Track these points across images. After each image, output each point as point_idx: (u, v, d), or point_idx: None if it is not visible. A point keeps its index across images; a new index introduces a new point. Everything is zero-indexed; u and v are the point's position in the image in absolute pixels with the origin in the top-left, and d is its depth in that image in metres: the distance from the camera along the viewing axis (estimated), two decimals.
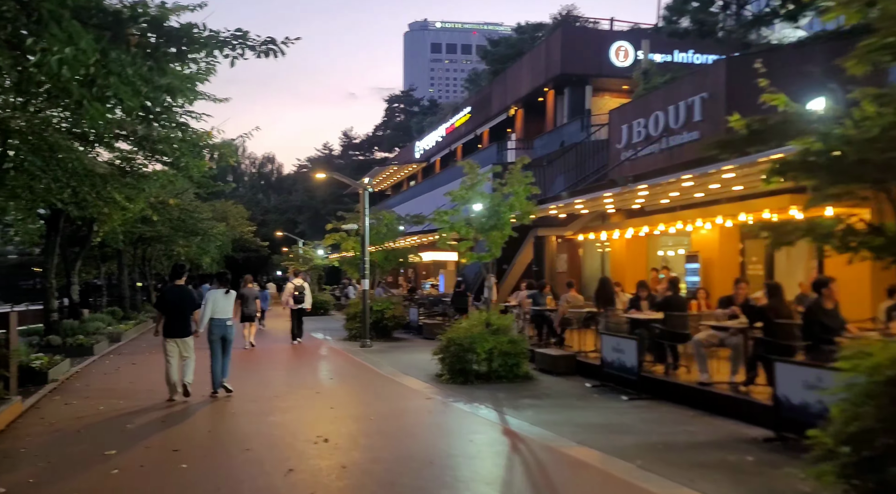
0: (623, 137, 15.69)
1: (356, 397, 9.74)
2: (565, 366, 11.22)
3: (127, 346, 17.56)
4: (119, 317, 23.65)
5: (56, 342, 15.02)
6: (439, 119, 43.02)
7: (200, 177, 12.64)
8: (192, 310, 9.36)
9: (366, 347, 15.98)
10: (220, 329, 9.71)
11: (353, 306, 18.19)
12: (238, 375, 11.65)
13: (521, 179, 10.91)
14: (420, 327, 19.45)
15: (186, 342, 9.29)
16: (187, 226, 27.24)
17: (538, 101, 25.97)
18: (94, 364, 13.67)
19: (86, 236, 19.87)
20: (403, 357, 14.17)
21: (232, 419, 8.01)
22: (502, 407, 8.51)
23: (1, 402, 8.22)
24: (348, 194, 51.68)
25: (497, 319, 11.01)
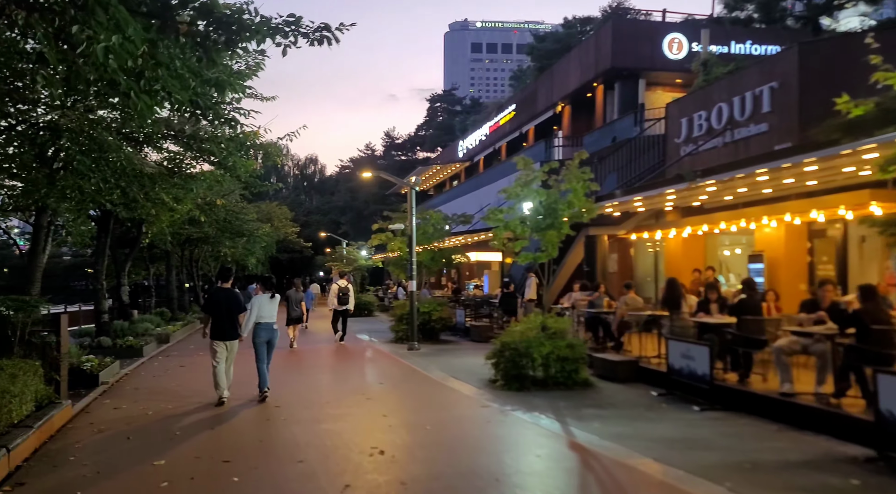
0: (682, 132, 14.95)
1: (409, 403, 9.34)
2: (626, 373, 10.63)
3: (175, 347, 17.57)
4: (167, 318, 23.86)
5: (106, 344, 15.08)
6: (483, 118, 42.52)
7: (248, 177, 12.43)
8: (239, 312, 9.37)
9: (413, 350, 15.61)
10: (266, 333, 9.80)
11: (400, 308, 17.86)
12: (286, 378, 11.43)
13: (578, 175, 10.37)
14: (467, 329, 19.01)
15: (234, 344, 9.37)
16: (233, 227, 27.45)
17: (586, 96, 25.25)
18: (144, 366, 13.61)
19: (135, 238, 20.04)
20: (453, 361, 13.74)
21: (283, 427, 7.69)
22: (565, 417, 8.00)
23: (51, 406, 8.08)
24: (391, 194, 51.64)
25: (554, 322, 10.49)
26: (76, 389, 10.22)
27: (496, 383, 10.47)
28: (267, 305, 9.82)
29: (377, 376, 12.15)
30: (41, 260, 11.60)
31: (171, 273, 26.25)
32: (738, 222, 14.28)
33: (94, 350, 14.69)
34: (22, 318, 8.81)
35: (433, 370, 12.33)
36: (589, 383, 10.19)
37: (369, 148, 65.49)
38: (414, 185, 15.90)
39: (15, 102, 7.91)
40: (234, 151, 12.41)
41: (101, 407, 9.10)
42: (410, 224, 15.84)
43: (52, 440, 7.27)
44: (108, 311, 16.24)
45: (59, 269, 65.02)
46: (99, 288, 16.01)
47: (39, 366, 8.37)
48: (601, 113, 24.09)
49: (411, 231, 15.83)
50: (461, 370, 12.18)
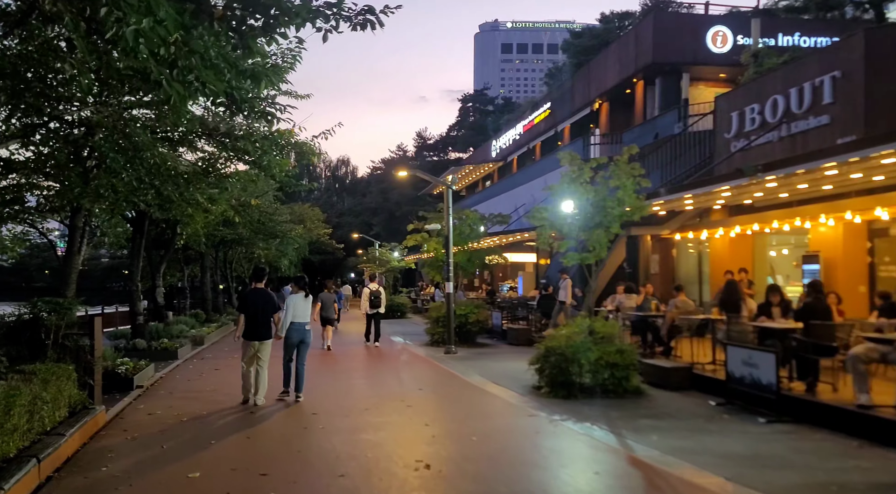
0: (733, 126, 14.26)
1: (451, 412, 8.90)
2: (679, 380, 10.05)
3: (209, 350, 17.42)
4: (202, 320, 23.82)
5: (142, 346, 14.95)
6: (516, 117, 41.93)
7: (283, 176, 12.15)
8: (273, 313, 9.31)
9: (450, 353, 15.18)
10: (298, 333, 9.70)
11: (435, 310, 17.45)
12: (322, 382, 11.09)
13: (628, 170, 9.82)
14: (504, 332, 18.52)
15: (265, 344, 9.29)
16: (267, 229, 27.43)
17: (625, 93, 24.55)
18: (178, 369, 13.42)
19: (170, 239, 20.00)
20: (492, 366, 13.28)
21: (322, 437, 7.32)
22: (619, 429, 7.48)
23: (85, 412, 7.83)
24: (423, 195, 51.33)
25: (602, 326, 9.96)
26: (111, 393, 10.03)
27: (541, 389, 9.98)
28: (301, 304, 9.75)
29: (415, 381, 11.74)
30: (76, 261, 11.46)
31: (205, 275, 26.27)
32: (793, 221, 13.56)
33: (130, 353, 14.58)
34: (55, 320, 8.62)
35: (473, 375, 11.88)
36: (640, 390, 9.64)
37: (401, 149, 65.45)
38: (451, 184, 15.48)
39: (49, 100, 7.70)
40: (268, 149, 12.16)
41: (135, 413, 8.85)
42: (447, 224, 15.42)
43: (84, 448, 7.00)
44: (143, 313, 16.13)
45: (97, 271, 66.21)
46: (134, 290, 15.92)
47: (73, 370, 8.13)
48: (641, 110, 23.38)
49: (448, 231, 15.41)
50: (502, 376, 11.72)
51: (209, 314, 25.36)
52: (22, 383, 6.82)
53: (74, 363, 8.45)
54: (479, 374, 12.03)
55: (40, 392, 6.80)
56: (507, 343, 17.76)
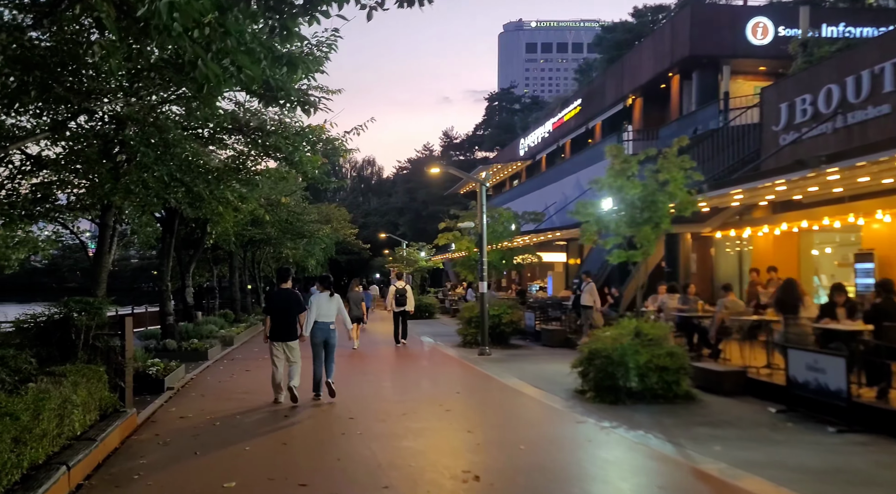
0: (782, 118, 13.61)
1: (493, 417, 8.48)
2: (732, 384, 9.51)
3: (239, 350, 17.21)
4: (231, 320, 23.72)
5: (172, 346, 14.80)
6: (545, 115, 41.32)
7: (315, 172, 11.84)
8: (298, 313, 9.26)
9: (484, 355, 14.75)
10: (323, 333, 9.54)
11: (468, 311, 17.04)
12: (355, 384, 10.75)
13: (678, 163, 9.31)
14: (538, 333, 18.04)
15: (292, 345, 9.23)
16: (295, 228, 27.35)
17: (660, 88, 23.89)
18: (209, 370, 13.19)
19: (199, 239, 19.89)
20: (529, 368, 12.82)
21: (360, 443, 6.95)
22: (676, 438, 6.99)
23: (116, 415, 7.57)
24: (450, 195, 50.94)
25: (651, 328, 9.46)
26: (141, 394, 9.80)
27: (585, 394, 9.51)
28: (325, 304, 9.63)
29: (452, 384, 11.35)
30: (107, 261, 11.27)
31: (234, 275, 26.19)
32: (845, 217, 12.89)
33: (160, 353, 14.42)
34: (86, 320, 8.38)
35: (510, 378, 11.45)
36: (691, 395, 9.12)
37: (427, 148, 65.13)
38: (484, 181, 15.06)
39: (79, 94, 7.44)
40: (299, 145, 11.87)
41: (167, 416, 8.58)
42: (480, 222, 15.00)
43: (115, 453, 6.73)
44: (172, 313, 15.98)
45: (127, 271, 67.02)
46: (164, 290, 15.76)
47: (104, 372, 7.88)
48: (677, 104, 22.70)
49: (481, 230, 14.99)
50: (541, 379, 11.26)
51: (238, 314, 25.27)
52: (52, 385, 6.57)
53: (105, 364, 8.20)
54: (516, 377, 11.60)
55: (70, 395, 6.54)
56: (541, 345, 17.28)
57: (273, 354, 9.19)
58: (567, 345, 16.64)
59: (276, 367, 9.17)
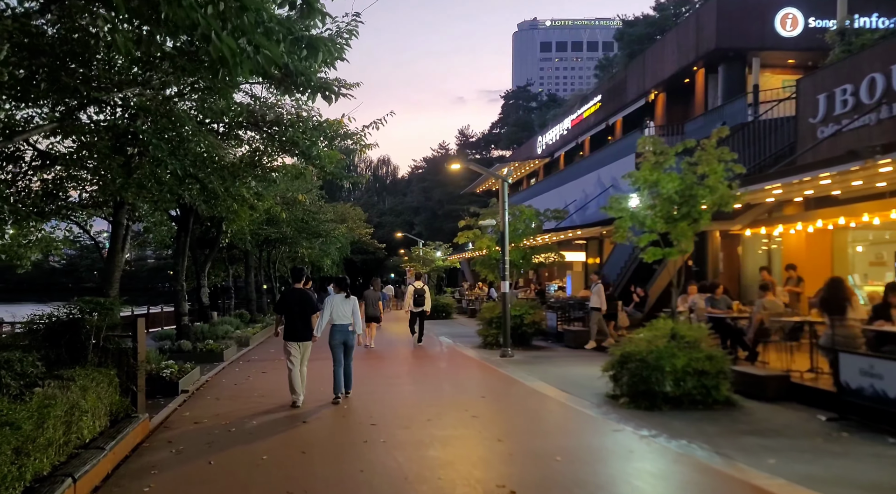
0: (820, 110, 13.01)
1: (523, 425, 8.01)
2: (775, 390, 8.97)
3: (255, 351, 16.87)
4: (246, 320, 23.45)
5: (187, 348, 14.49)
6: (563, 112, 40.75)
7: (333, 167, 11.45)
8: (312, 313, 9.19)
9: (507, 357, 14.29)
10: (341, 335, 9.50)
11: (488, 311, 16.57)
12: (376, 387, 10.34)
13: (717, 154, 8.79)
14: (559, 334, 17.53)
15: (305, 345, 9.19)
16: (311, 228, 27.09)
17: (684, 83, 23.27)
18: (224, 372, 12.84)
19: (215, 238, 19.61)
20: (555, 371, 12.33)
21: (384, 453, 6.52)
22: (724, 449, 6.49)
23: (127, 421, 7.21)
24: (466, 194, 50.45)
25: (688, 330, 8.96)
26: (155, 397, 9.47)
27: (618, 399, 9.03)
28: (340, 305, 9.55)
29: (475, 387, 10.89)
30: (120, 260, 10.95)
31: (249, 274, 25.91)
32: (887, 213, 12.29)
33: (174, 354, 14.12)
34: (97, 321, 8.02)
35: (536, 382, 10.98)
36: (731, 401, 8.61)
37: (443, 147, 64.71)
38: (506, 177, 14.59)
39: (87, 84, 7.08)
40: (317, 140, 11.50)
41: (181, 421, 8.20)
42: (502, 220, 14.53)
43: (126, 462, 6.36)
44: (188, 313, 15.67)
45: (143, 271, 67.26)
46: (179, 289, 15.46)
47: (115, 375, 7.54)
48: (702, 99, 22.08)
49: (503, 227, 14.52)
50: (569, 383, 10.79)
51: (253, 314, 24.99)
52: (59, 390, 6.21)
53: (116, 367, 7.86)
54: (542, 380, 11.12)
55: (78, 401, 6.18)
56: (564, 346, 16.79)
57: (290, 354, 9.06)
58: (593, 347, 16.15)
59: (293, 366, 9.01)
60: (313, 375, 10.08)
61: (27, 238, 12.38)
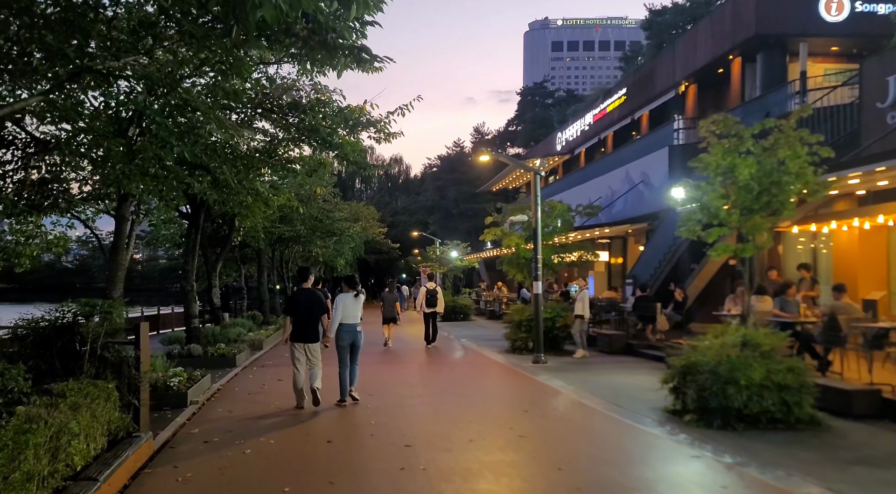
0: (890, 93, 11.91)
1: (582, 447, 6.95)
2: (865, 406, 7.89)
3: (269, 356, 15.91)
4: (259, 322, 22.57)
5: (197, 352, 13.55)
6: (584, 107, 39.56)
7: (356, 157, 10.48)
8: (320, 314, 8.87)
9: (540, 363, 13.25)
10: (349, 335, 9.16)
11: (517, 313, 15.51)
12: (406, 399, 9.29)
13: (797, 136, 7.72)
14: (592, 338, 16.44)
15: (313, 347, 8.85)
16: (325, 226, 26.24)
17: (717, 73, 22.10)
18: (237, 380, 11.87)
19: (227, 236, 18.70)
20: (598, 380, 11.27)
21: (427, 485, 5.50)
22: (835, 483, 5.43)
23: (128, 442, 6.24)
24: (482, 192, 49.41)
25: (762, 337, 7.89)
26: (161, 410, 8.52)
27: (682, 415, 7.98)
28: (351, 304, 9.18)
29: (513, 399, 9.85)
30: (124, 258, 9.98)
31: (262, 274, 25.01)
32: None
33: (184, 360, 13.21)
34: (94, 326, 7.05)
35: (582, 393, 9.91)
36: (815, 420, 7.53)
37: (458, 144, 63.54)
38: (538, 169, 13.54)
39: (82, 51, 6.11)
40: (338, 126, 10.55)
41: (188, 440, 7.21)
42: (535, 216, 13.48)
43: (125, 491, 5.38)
44: (197, 315, 14.72)
45: (155, 271, 66.77)
46: (189, 290, 14.50)
47: (114, 388, 6.55)
48: (738, 89, 20.90)
49: (536, 223, 13.47)
50: (616, 394, 9.74)
51: (266, 315, 24.08)
52: (45, 409, 5.25)
53: (116, 378, 6.87)
54: (587, 391, 10.07)
55: (67, 422, 5.22)
56: (597, 351, 15.71)
57: (294, 356, 8.80)
58: (629, 352, 15.07)
59: (298, 370, 8.75)
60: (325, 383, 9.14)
61: (25, 235, 11.43)
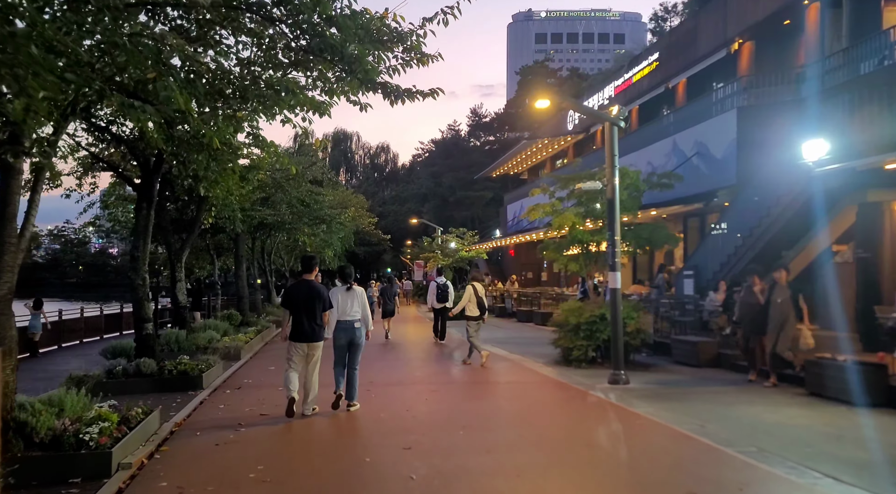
0: None
1: None
2: None
3: (250, 369, 12.22)
4: (237, 323, 18.85)
5: (149, 369, 9.90)
6: (603, 78, 36.05)
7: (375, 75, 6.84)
8: (324, 309, 7.82)
9: (620, 383, 9.72)
10: (346, 333, 8.09)
11: (573, 314, 11.91)
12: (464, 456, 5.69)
13: None
14: (665, 346, 12.94)
15: (315, 347, 7.81)
16: (313, 211, 22.69)
17: (783, 25, 18.66)
18: (202, 412, 8.16)
19: (195, 218, 14.99)
20: (735, 417, 7.75)
21: None
22: None
23: None
24: (480, 179, 45.82)
25: None
26: (63, 483, 4.86)
27: None
28: (343, 298, 8.09)
29: (635, 462, 6.24)
30: (12, 234, 6.23)
31: (240, 266, 21.20)
32: None
33: (130, 382, 9.60)
34: None
35: (744, 448, 6.34)
36: None
37: (452, 128, 59.66)
38: (616, 118, 9.96)
39: None
40: (353, 33, 6.93)
41: None
42: (611, 181, 9.91)
43: None
44: (151, 318, 10.98)
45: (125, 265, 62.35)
46: (139, 285, 10.76)
47: None
48: (815, 42, 17.40)
49: (613, 192, 9.91)
50: (814, 454, 6.19)
51: (246, 314, 20.31)
52: None
53: None
54: (741, 436, 6.53)
55: None
56: (675, 362, 12.24)
57: (290, 356, 7.75)
58: (719, 364, 11.60)
59: (291, 369, 7.68)
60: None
61: None
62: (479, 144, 58.29)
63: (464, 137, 58.39)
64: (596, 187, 10.82)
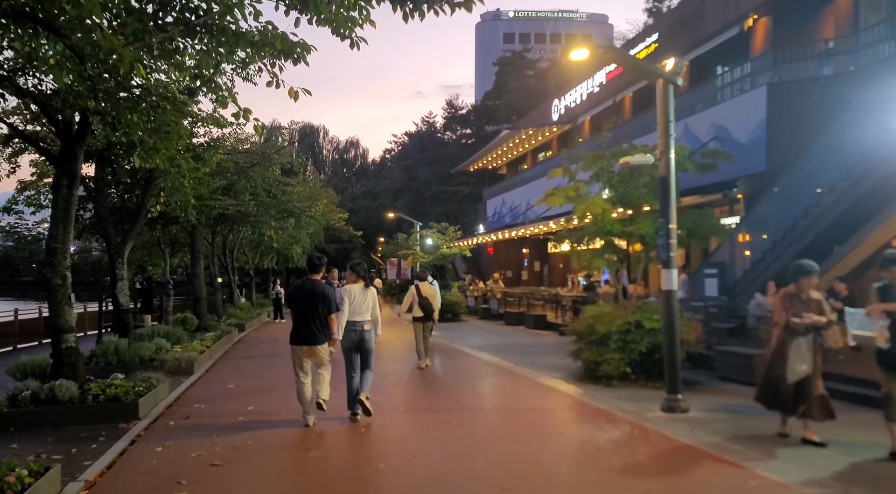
0: None
1: None
2: None
3: (204, 387, 9.86)
4: (192, 328, 16.41)
5: (67, 395, 7.61)
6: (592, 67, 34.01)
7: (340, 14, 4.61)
8: (328, 311, 7.19)
9: (676, 411, 7.65)
10: (355, 334, 7.45)
11: (601, 320, 9.79)
12: None
13: None
14: (704, 357, 10.91)
15: (319, 349, 7.19)
16: (280, 203, 20.41)
17: None
18: (130, 461, 5.79)
19: (140, 205, 12.59)
20: (825, 461, 5.72)
21: None
22: None
23: None
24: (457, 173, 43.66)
25: None
26: None
27: None
28: (359, 298, 7.50)
29: None
30: None
31: (197, 263, 18.69)
32: None
33: (41, 412, 7.26)
34: None
35: None
36: None
37: (426, 120, 57.17)
38: (672, 76, 7.91)
39: None
40: None
41: None
42: (664, 156, 7.85)
43: None
44: (74, 328, 8.54)
45: (87, 264, 58.76)
46: (57, 285, 8.33)
47: None
48: (846, 14, 15.68)
49: (668, 169, 7.85)
50: None
51: (203, 318, 17.81)
52: None
53: None
54: None
55: None
56: (721, 378, 10.25)
57: (295, 363, 7.24)
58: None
59: (302, 381, 7.17)
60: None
61: None
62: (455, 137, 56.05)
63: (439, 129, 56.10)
64: (647, 160, 8.73)
